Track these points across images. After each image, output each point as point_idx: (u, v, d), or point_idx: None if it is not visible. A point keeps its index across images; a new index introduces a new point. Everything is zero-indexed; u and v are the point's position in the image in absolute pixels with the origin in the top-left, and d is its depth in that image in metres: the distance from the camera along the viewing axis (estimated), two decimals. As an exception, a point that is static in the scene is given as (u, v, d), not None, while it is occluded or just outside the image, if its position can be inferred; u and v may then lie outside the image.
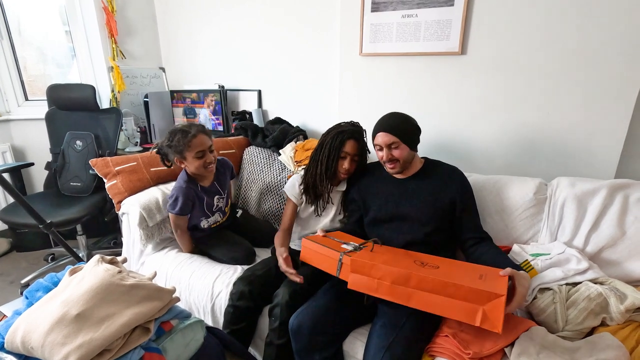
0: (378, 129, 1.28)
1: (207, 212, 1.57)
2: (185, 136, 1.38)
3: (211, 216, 1.59)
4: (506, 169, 1.57)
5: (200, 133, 1.41)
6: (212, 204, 1.57)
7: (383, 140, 1.25)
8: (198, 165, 1.42)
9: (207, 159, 1.43)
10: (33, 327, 0.75)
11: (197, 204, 1.52)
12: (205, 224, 1.59)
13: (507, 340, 1.02)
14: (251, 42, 2.26)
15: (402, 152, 1.25)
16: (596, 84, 1.34)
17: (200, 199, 1.52)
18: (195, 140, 1.39)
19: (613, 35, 1.28)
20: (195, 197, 1.50)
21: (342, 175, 1.42)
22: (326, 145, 1.39)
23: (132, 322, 0.77)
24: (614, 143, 1.37)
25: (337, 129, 1.41)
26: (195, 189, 1.51)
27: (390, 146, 1.25)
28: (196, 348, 0.93)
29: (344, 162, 1.38)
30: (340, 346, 1.17)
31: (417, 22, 1.59)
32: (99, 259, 0.90)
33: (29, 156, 2.51)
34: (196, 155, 1.40)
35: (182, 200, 1.46)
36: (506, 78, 1.49)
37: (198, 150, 1.40)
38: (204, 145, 1.41)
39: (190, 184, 1.49)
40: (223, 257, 1.54)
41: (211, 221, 1.61)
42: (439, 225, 1.26)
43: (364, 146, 1.43)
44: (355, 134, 1.39)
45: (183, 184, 1.48)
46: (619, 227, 1.22)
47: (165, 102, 2.49)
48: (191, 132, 1.39)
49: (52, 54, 2.62)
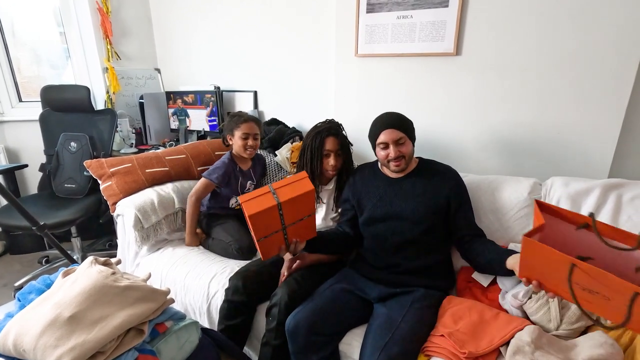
0: (382, 127, 1.26)
1: (238, 191, 1.73)
2: (239, 118, 1.65)
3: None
4: (501, 169, 1.58)
5: (251, 120, 1.65)
6: (245, 186, 1.76)
7: (390, 137, 1.24)
8: (240, 145, 1.64)
9: (249, 142, 1.64)
10: (25, 329, 0.74)
11: (232, 181, 1.70)
12: (233, 203, 1.75)
13: (503, 339, 1.02)
14: (247, 43, 2.26)
15: (408, 147, 1.27)
16: (589, 84, 1.35)
17: (236, 178, 1.71)
18: (245, 124, 1.63)
19: (606, 35, 1.29)
20: (232, 173, 1.69)
21: (330, 172, 1.45)
22: (308, 148, 1.44)
23: (125, 324, 0.77)
24: (607, 143, 1.38)
25: (314, 130, 1.45)
26: (234, 167, 1.70)
27: (398, 142, 1.24)
28: (191, 349, 0.93)
29: (329, 159, 1.42)
30: (337, 347, 1.17)
31: (412, 23, 1.60)
32: (93, 260, 0.89)
33: (22, 158, 2.49)
34: (242, 135, 1.62)
35: (222, 171, 1.65)
36: (500, 78, 1.50)
37: (244, 132, 1.62)
38: (251, 130, 1.64)
39: (232, 162, 1.70)
40: (230, 237, 1.59)
41: (238, 202, 1.70)
42: (433, 225, 1.26)
43: (344, 140, 1.46)
44: (332, 130, 1.42)
45: (227, 160, 1.69)
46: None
47: (160, 103, 2.49)
48: (244, 116, 1.65)
49: (46, 55, 2.61)
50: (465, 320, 1.10)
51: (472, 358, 1.00)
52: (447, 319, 1.13)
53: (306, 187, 1.05)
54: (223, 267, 1.48)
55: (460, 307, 1.17)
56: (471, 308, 1.16)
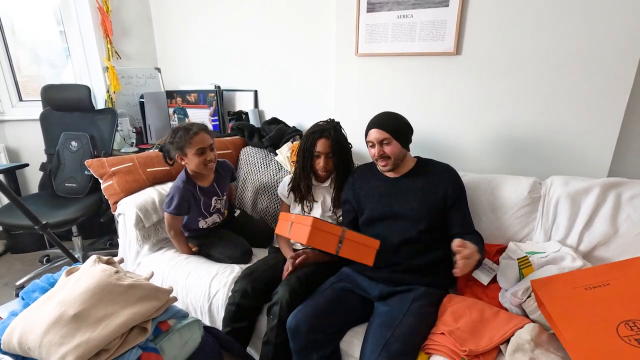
0: (370, 126, 1.31)
1: (204, 213, 1.57)
2: (187, 133, 1.41)
3: (209, 217, 1.59)
4: (500, 168, 1.59)
5: (202, 131, 1.44)
6: (210, 205, 1.58)
7: (375, 136, 1.28)
8: (198, 163, 1.43)
9: (208, 157, 1.45)
10: (30, 327, 0.75)
11: (193, 205, 1.52)
12: (203, 225, 1.60)
13: (503, 337, 1.03)
14: (247, 43, 2.27)
15: (394, 148, 1.28)
16: (589, 84, 1.36)
17: (197, 200, 1.52)
18: (196, 137, 1.41)
19: (605, 35, 1.30)
20: (192, 198, 1.51)
21: (321, 173, 1.46)
22: (301, 148, 1.45)
23: (129, 322, 0.77)
24: (606, 142, 1.39)
25: (311, 129, 1.45)
26: (192, 190, 1.51)
27: (382, 142, 1.27)
28: (194, 348, 0.93)
29: (319, 160, 1.43)
30: (338, 345, 1.17)
31: (412, 23, 1.61)
32: (96, 259, 0.89)
33: (23, 157, 2.49)
34: (197, 152, 1.42)
35: (178, 200, 1.46)
36: (500, 78, 1.51)
37: (199, 147, 1.42)
38: (205, 142, 1.43)
39: (188, 184, 1.50)
40: (220, 255, 1.54)
41: (209, 222, 1.61)
42: (432, 223, 1.27)
43: (338, 141, 1.44)
44: (324, 133, 1.41)
45: (181, 184, 1.49)
46: (612, 225, 1.23)
47: (161, 102, 2.49)
48: (193, 129, 1.42)
49: (47, 54, 2.60)
50: (466, 318, 1.11)
51: (472, 356, 1.00)
52: (447, 317, 1.13)
53: (367, 259, 1.15)
54: (224, 267, 1.49)
55: (461, 305, 1.18)
56: (471, 306, 1.17)
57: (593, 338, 0.89)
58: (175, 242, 1.58)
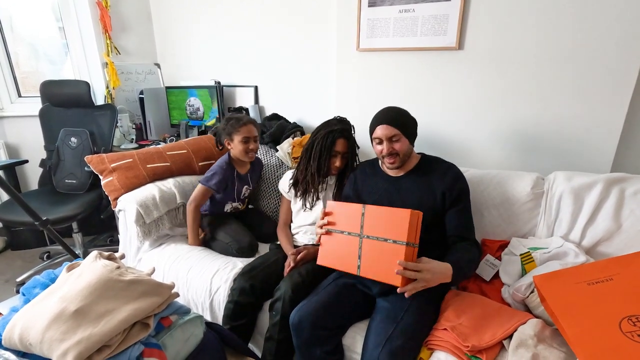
0: (378, 122, 1.26)
1: (234, 197, 1.69)
2: (238, 122, 1.58)
3: (235, 202, 1.72)
4: (503, 164, 1.58)
5: (251, 123, 1.60)
6: (241, 192, 1.72)
7: (384, 132, 1.23)
8: (241, 149, 1.58)
9: (250, 146, 1.59)
10: (31, 323, 0.74)
11: (229, 186, 1.65)
12: (229, 208, 1.71)
13: (506, 333, 1.03)
14: (247, 38, 2.25)
15: (403, 145, 1.24)
16: (592, 78, 1.35)
17: (233, 183, 1.66)
18: (244, 127, 1.57)
19: (609, 29, 1.29)
20: (229, 179, 1.64)
21: (333, 172, 1.47)
22: (317, 145, 1.43)
23: (131, 317, 0.77)
24: (610, 137, 1.38)
25: (326, 127, 1.44)
26: (232, 172, 1.65)
27: (391, 139, 1.23)
28: (196, 343, 0.93)
29: (336, 160, 1.43)
30: (340, 341, 1.17)
31: (414, 17, 1.59)
32: (97, 254, 0.89)
33: (23, 153, 2.48)
34: (242, 139, 1.57)
35: (220, 177, 1.60)
36: (503, 73, 1.50)
37: (245, 135, 1.57)
38: (251, 133, 1.59)
39: (229, 166, 1.65)
40: (230, 238, 1.58)
41: (233, 207, 1.73)
42: (432, 223, 1.24)
43: (353, 142, 1.47)
44: (344, 132, 1.42)
45: (224, 164, 1.63)
46: (615, 220, 1.23)
47: (160, 98, 2.47)
48: (243, 120, 1.59)
49: (45, 50, 2.59)
50: (468, 314, 1.11)
51: (475, 351, 1.00)
52: (450, 312, 1.13)
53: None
54: (225, 262, 1.48)
55: (463, 301, 1.18)
56: (474, 302, 1.17)
57: (596, 334, 0.88)
58: (190, 216, 1.62)
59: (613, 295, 0.95)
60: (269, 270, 1.38)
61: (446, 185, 1.24)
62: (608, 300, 0.94)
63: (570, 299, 0.98)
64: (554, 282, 1.04)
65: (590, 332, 0.89)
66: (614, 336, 0.86)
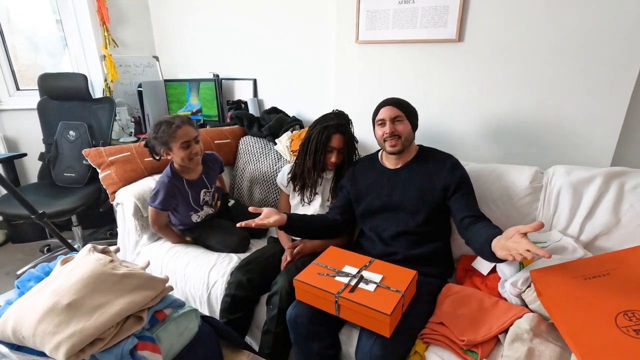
0: (382, 104, 1.30)
1: (194, 207, 1.54)
2: (169, 127, 1.36)
3: (200, 210, 1.57)
4: (502, 157, 1.57)
5: (185, 124, 1.39)
6: (199, 198, 1.54)
7: (387, 113, 1.26)
8: (183, 156, 1.40)
9: (193, 150, 1.41)
10: (24, 316, 0.74)
11: (180, 200, 1.49)
12: (197, 219, 1.57)
13: (501, 327, 1.02)
14: (246, 31, 2.23)
15: (405, 127, 1.26)
16: (594, 71, 1.33)
17: (185, 195, 1.49)
18: (179, 131, 1.37)
19: (611, 23, 1.26)
20: (178, 193, 1.47)
21: (331, 167, 1.46)
22: (313, 140, 1.41)
23: (124, 311, 0.77)
24: (610, 131, 1.36)
25: (322, 122, 1.42)
26: (178, 184, 1.48)
27: (395, 119, 1.26)
28: (190, 337, 0.93)
29: (332, 155, 1.42)
30: (337, 335, 1.17)
31: (414, 9, 1.57)
32: (91, 248, 0.89)
33: (21, 147, 2.48)
34: (181, 145, 1.38)
35: (163, 194, 1.43)
36: (503, 65, 1.47)
37: (183, 140, 1.38)
38: (189, 135, 1.39)
39: (173, 179, 1.46)
40: (217, 245, 1.54)
41: (202, 215, 1.58)
42: (431, 215, 1.25)
43: (350, 137, 1.45)
44: (340, 128, 1.40)
45: (166, 179, 1.45)
46: (614, 214, 1.22)
47: (159, 91, 2.46)
48: (175, 122, 1.37)
49: (43, 43, 2.57)
50: (464, 307, 1.11)
51: (470, 345, 1.00)
52: (446, 306, 1.13)
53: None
54: (223, 257, 1.49)
55: (460, 294, 1.17)
56: (470, 296, 1.16)
57: (591, 328, 0.88)
58: (162, 235, 1.58)
59: (609, 290, 0.94)
60: (266, 263, 1.39)
61: (445, 177, 1.24)
62: (604, 295, 0.93)
63: (567, 293, 0.97)
64: (551, 276, 1.03)
65: (586, 327, 0.89)
66: (610, 331, 0.85)
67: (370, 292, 1.02)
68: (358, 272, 1.10)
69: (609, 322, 0.87)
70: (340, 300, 1.02)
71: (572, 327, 0.90)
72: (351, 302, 1.00)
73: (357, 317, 1.01)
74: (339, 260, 1.17)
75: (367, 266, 1.13)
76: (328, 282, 1.07)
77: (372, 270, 1.11)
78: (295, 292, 1.14)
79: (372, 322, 0.99)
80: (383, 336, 0.99)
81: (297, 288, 1.11)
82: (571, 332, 0.89)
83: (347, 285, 1.05)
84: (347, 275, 1.09)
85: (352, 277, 1.08)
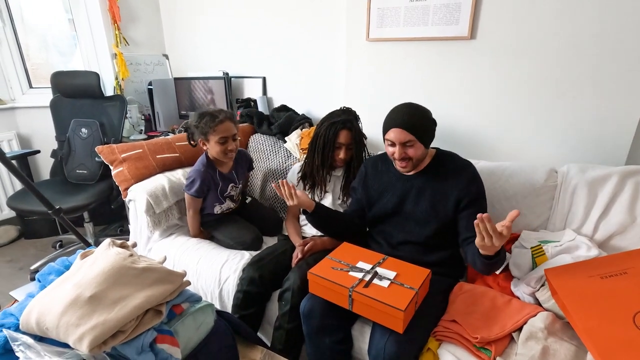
0: (392, 124, 1.15)
1: (220, 199, 1.59)
2: (212, 120, 1.41)
3: (224, 202, 1.61)
4: (516, 155, 1.56)
5: (228, 120, 1.43)
6: (226, 191, 1.60)
7: (397, 137, 1.14)
8: (219, 151, 1.45)
9: (229, 146, 1.45)
10: (47, 308, 0.75)
11: (212, 189, 1.54)
12: (218, 210, 1.61)
13: (515, 325, 1.02)
14: (256, 29, 2.23)
15: (417, 151, 1.16)
16: (609, 69, 1.32)
17: (216, 185, 1.54)
18: (221, 126, 1.41)
19: (628, 20, 1.25)
20: (211, 181, 1.53)
21: (339, 164, 1.46)
22: (320, 137, 1.42)
23: (144, 304, 0.78)
24: (625, 129, 1.35)
25: (329, 119, 1.42)
26: (212, 174, 1.53)
27: (405, 144, 1.15)
28: (207, 331, 0.94)
29: (340, 152, 1.42)
30: (349, 331, 1.18)
31: (425, 6, 1.56)
32: (110, 242, 0.90)
33: (34, 144, 2.52)
34: (219, 140, 1.43)
35: (199, 183, 1.48)
36: (516, 63, 1.47)
37: (222, 136, 1.42)
38: (229, 132, 1.44)
39: (208, 168, 1.52)
40: (231, 240, 1.55)
41: (224, 207, 1.63)
42: (440, 228, 1.21)
43: (358, 133, 1.44)
44: (347, 124, 1.40)
45: (202, 167, 1.50)
46: (630, 213, 1.21)
47: (169, 89, 2.48)
48: (219, 117, 1.41)
49: (55, 41, 2.60)
50: (477, 306, 1.11)
51: (484, 343, 1.00)
52: (459, 304, 1.13)
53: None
54: (234, 253, 1.50)
55: (472, 293, 1.17)
56: (483, 294, 1.16)
57: (609, 327, 0.88)
58: (191, 221, 1.61)
59: (627, 289, 0.94)
60: (277, 260, 1.39)
61: (461, 189, 1.18)
62: (622, 294, 0.93)
63: (583, 292, 0.97)
64: (566, 275, 1.03)
65: (603, 326, 0.88)
66: (628, 330, 0.85)
67: (384, 287, 1.03)
68: (372, 268, 1.11)
69: (627, 321, 0.86)
70: (354, 295, 1.02)
71: (589, 326, 0.90)
72: (365, 297, 1.00)
73: (371, 312, 1.02)
74: (352, 256, 1.18)
75: (381, 263, 1.13)
76: (342, 277, 1.07)
77: (386, 267, 1.11)
78: (307, 288, 1.15)
79: (386, 318, 0.99)
80: (397, 333, 0.99)
81: (311, 281, 1.12)
82: (588, 330, 0.89)
83: (362, 281, 1.05)
84: (361, 271, 1.09)
85: (366, 273, 1.08)
